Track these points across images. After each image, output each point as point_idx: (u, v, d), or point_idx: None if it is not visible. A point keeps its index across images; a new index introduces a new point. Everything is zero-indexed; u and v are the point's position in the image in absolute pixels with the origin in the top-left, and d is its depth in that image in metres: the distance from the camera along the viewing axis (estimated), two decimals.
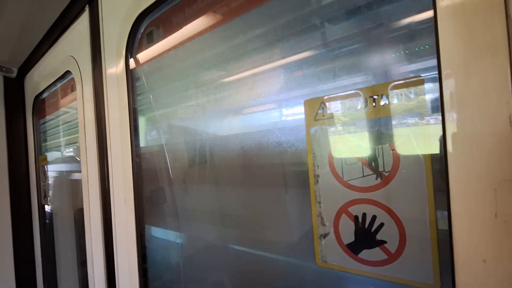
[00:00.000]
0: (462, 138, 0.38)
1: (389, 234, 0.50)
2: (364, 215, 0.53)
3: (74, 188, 1.51)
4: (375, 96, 0.51)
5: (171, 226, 1.03)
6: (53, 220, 1.73)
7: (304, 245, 0.64)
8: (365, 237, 0.53)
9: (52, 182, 1.67)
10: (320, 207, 0.58)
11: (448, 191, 0.39)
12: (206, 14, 0.79)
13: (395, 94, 0.49)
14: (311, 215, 0.60)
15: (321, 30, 0.62)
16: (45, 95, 1.66)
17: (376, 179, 0.51)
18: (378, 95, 0.50)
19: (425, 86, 0.46)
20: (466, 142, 0.37)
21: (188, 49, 0.87)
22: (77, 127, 1.17)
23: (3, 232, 1.70)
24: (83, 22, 1.11)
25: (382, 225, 0.51)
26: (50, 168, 1.67)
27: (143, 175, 0.97)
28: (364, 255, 0.53)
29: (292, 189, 0.69)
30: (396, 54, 0.52)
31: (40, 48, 1.48)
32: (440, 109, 0.40)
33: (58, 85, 1.49)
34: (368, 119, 0.52)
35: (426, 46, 0.48)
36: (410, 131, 0.48)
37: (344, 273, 0.57)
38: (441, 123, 0.40)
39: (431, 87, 0.46)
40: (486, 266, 0.36)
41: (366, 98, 0.52)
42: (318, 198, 0.59)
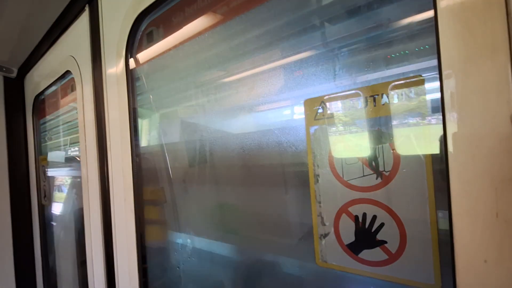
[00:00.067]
0: (463, 138, 0.37)
1: (390, 234, 0.50)
2: (365, 215, 0.53)
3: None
4: (376, 96, 0.50)
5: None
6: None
7: (304, 245, 0.63)
8: (366, 237, 0.53)
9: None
10: (320, 207, 0.58)
11: (449, 191, 0.39)
12: (206, 14, 0.79)
13: (395, 94, 0.49)
14: (311, 215, 0.59)
15: (321, 30, 0.62)
16: (46, 95, 1.65)
17: (377, 179, 0.51)
18: (379, 95, 0.50)
19: (426, 86, 0.46)
20: (467, 142, 0.37)
21: (188, 49, 0.87)
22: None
23: (3, 232, 1.70)
24: (83, 22, 1.10)
25: (383, 225, 0.51)
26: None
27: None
28: (365, 255, 0.53)
29: (292, 189, 0.69)
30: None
31: (40, 48, 1.48)
32: (441, 109, 0.39)
33: (58, 85, 1.49)
34: (369, 119, 0.52)
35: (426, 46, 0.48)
36: (411, 131, 0.48)
37: (344, 273, 0.57)
38: (442, 123, 0.39)
39: (432, 87, 0.45)
40: (487, 267, 0.36)
41: (366, 98, 0.51)
42: (318, 198, 0.58)
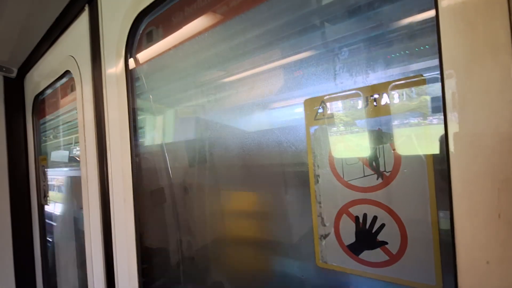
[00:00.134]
0: (464, 138, 0.37)
1: (390, 235, 0.50)
2: (365, 216, 0.52)
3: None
4: (376, 95, 0.50)
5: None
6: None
7: (304, 246, 0.63)
8: (366, 238, 0.52)
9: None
10: (321, 207, 0.58)
11: (450, 191, 0.38)
12: (206, 14, 0.78)
13: (396, 94, 0.48)
14: (311, 215, 0.59)
15: (321, 30, 0.61)
16: (46, 95, 1.65)
17: (377, 179, 0.51)
18: (379, 94, 0.50)
19: (426, 86, 0.46)
20: (468, 142, 0.37)
21: (188, 49, 0.87)
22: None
23: (3, 232, 1.69)
24: (83, 22, 1.10)
25: (383, 226, 0.51)
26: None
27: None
28: (365, 256, 0.53)
29: (292, 189, 0.68)
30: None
31: (40, 48, 1.48)
32: (442, 109, 0.39)
33: (58, 85, 1.49)
34: (369, 119, 0.51)
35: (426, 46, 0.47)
36: (412, 131, 0.48)
37: (345, 274, 0.56)
38: (443, 123, 0.39)
39: (432, 87, 0.45)
40: (490, 268, 0.36)
41: (367, 98, 0.51)
42: (319, 198, 0.58)
